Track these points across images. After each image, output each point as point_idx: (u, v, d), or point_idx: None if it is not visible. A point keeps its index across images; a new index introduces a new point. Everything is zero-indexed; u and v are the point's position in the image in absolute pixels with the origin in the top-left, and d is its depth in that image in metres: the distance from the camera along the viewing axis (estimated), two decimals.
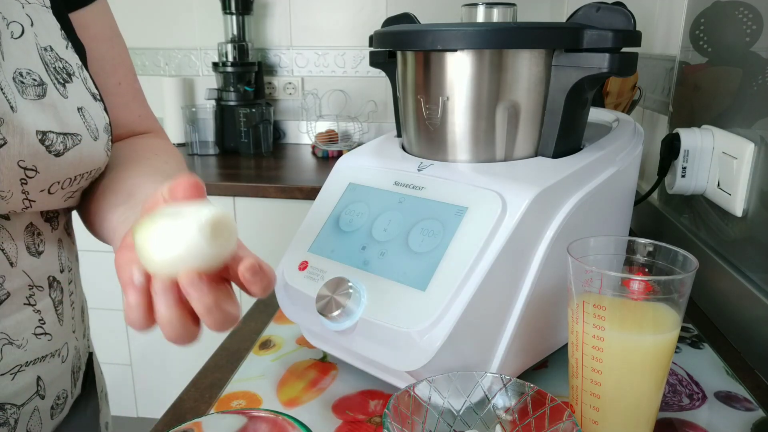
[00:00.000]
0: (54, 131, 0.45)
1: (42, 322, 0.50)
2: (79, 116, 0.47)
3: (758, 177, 0.65)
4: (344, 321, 0.50)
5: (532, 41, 0.51)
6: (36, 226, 0.50)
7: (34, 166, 0.44)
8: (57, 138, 0.45)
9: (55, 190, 0.47)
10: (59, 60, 0.47)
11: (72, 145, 0.46)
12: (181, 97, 2.05)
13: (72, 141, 0.46)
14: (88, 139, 0.48)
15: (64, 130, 0.46)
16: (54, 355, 0.52)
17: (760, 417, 0.51)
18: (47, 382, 0.52)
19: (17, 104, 0.42)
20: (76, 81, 0.48)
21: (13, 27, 0.44)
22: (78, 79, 0.49)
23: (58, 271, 0.53)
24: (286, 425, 0.36)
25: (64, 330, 0.53)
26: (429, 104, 0.56)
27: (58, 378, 0.53)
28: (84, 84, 0.50)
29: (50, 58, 0.47)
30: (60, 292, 0.53)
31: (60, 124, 0.45)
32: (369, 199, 0.56)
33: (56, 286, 0.52)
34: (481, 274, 0.46)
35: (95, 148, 0.49)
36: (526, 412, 0.41)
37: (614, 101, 1.00)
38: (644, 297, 0.42)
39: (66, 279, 0.54)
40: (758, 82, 0.66)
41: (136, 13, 2.11)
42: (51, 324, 0.51)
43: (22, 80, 0.43)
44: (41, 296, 0.50)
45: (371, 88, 2.09)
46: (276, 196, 1.59)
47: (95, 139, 0.49)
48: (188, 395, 0.55)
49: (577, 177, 0.53)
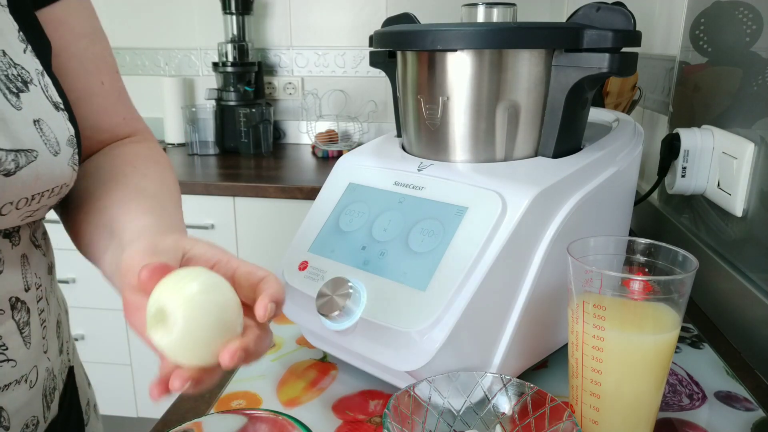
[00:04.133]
0: (3, 148, 0.40)
1: (4, 348, 0.46)
2: (35, 129, 0.42)
3: (758, 177, 0.65)
4: (344, 321, 0.50)
5: (532, 41, 0.51)
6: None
7: None
8: (7, 156, 0.40)
9: (7, 211, 0.42)
10: (13, 66, 0.42)
11: (26, 162, 0.41)
12: (181, 97, 2.05)
13: (26, 158, 0.41)
14: (47, 155, 0.43)
15: (16, 147, 0.41)
16: (19, 381, 0.47)
17: (760, 417, 0.51)
18: (11, 412, 0.47)
19: None
20: (33, 89, 0.43)
21: None
22: (36, 86, 0.44)
23: (23, 290, 0.48)
24: (286, 425, 0.36)
25: (31, 353, 0.48)
26: (429, 104, 0.56)
27: (25, 405, 0.48)
28: (44, 92, 0.45)
29: (2, 64, 0.42)
30: (26, 312, 0.48)
31: (10, 140, 0.40)
32: (369, 199, 0.56)
33: (20, 307, 0.47)
34: (481, 274, 0.46)
35: (56, 164, 0.44)
36: (526, 412, 0.41)
37: (614, 101, 1.00)
38: (644, 297, 0.42)
39: (33, 297, 0.49)
40: (758, 82, 0.66)
41: (137, 13, 2.11)
42: (15, 349, 0.47)
43: None
44: (2, 320, 0.46)
45: (371, 88, 2.09)
46: (276, 196, 1.59)
47: (55, 154, 0.44)
48: (188, 395, 0.55)
49: (577, 177, 0.53)
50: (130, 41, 2.13)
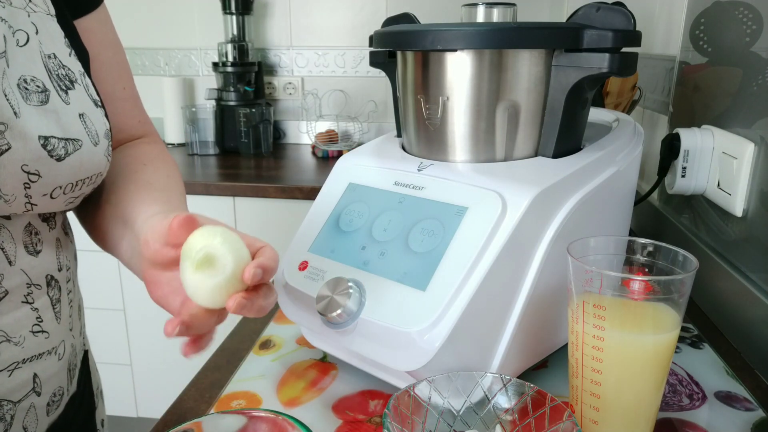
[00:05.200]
0: (56, 136, 0.46)
1: (39, 320, 0.51)
2: (80, 122, 0.48)
3: (758, 177, 0.65)
4: (344, 321, 0.50)
5: (532, 41, 0.51)
6: (34, 226, 0.51)
7: (37, 171, 0.45)
8: (59, 143, 0.46)
9: (57, 195, 0.48)
10: (62, 67, 0.49)
11: (73, 150, 0.47)
12: (181, 97, 2.05)
13: (73, 146, 0.47)
14: (89, 145, 0.49)
15: (66, 136, 0.47)
16: (51, 352, 0.53)
17: (760, 417, 0.51)
18: (43, 380, 0.52)
19: (21, 110, 0.44)
20: (78, 88, 0.50)
21: (18, 35, 0.45)
22: (80, 86, 0.50)
23: (56, 270, 0.53)
24: (286, 425, 0.36)
25: (61, 328, 0.54)
26: (429, 104, 0.56)
27: (55, 375, 0.54)
28: (86, 91, 0.51)
29: (54, 65, 0.48)
30: (58, 290, 0.54)
31: (62, 129, 0.46)
32: (369, 199, 0.56)
33: (54, 285, 0.53)
34: (481, 274, 0.46)
35: (95, 154, 0.50)
36: (526, 412, 0.41)
37: (614, 101, 1.00)
38: (644, 297, 0.42)
39: (64, 278, 0.55)
40: (758, 82, 0.66)
41: (136, 13, 2.11)
42: (48, 322, 0.52)
43: (26, 87, 0.45)
44: (39, 294, 0.51)
45: (371, 88, 2.09)
46: (276, 196, 1.59)
47: (95, 145, 0.50)
48: (188, 395, 0.55)
49: (577, 177, 0.53)
50: (130, 41, 2.13)
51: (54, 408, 0.54)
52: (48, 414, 0.54)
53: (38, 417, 0.52)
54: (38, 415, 0.52)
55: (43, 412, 0.53)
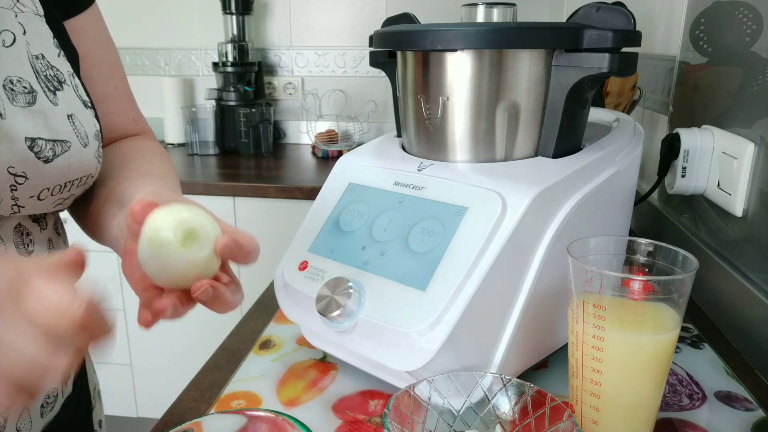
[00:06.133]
0: (43, 138, 0.45)
1: None
2: (69, 123, 0.48)
3: (758, 177, 0.65)
4: (344, 321, 0.50)
5: (532, 41, 0.51)
6: (25, 226, 0.51)
7: (24, 173, 0.45)
8: (46, 144, 0.46)
9: (44, 197, 0.48)
10: (51, 68, 0.48)
11: (61, 151, 0.47)
12: (181, 97, 2.05)
13: (61, 147, 0.47)
14: (78, 146, 0.48)
15: (54, 137, 0.46)
16: None
17: (760, 417, 0.51)
18: None
19: (6, 111, 0.43)
20: (67, 89, 0.49)
21: (4, 36, 0.45)
22: (69, 86, 0.50)
23: None
24: (286, 425, 0.36)
25: None
26: (429, 104, 0.56)
27: None
28: (75, 91, 0.50)
29: (41, 66, 0.47)
30: None
31: (49, 130, 0.46)
32: (369, 199, 0.56)
33: None
34: (481, 274, 0.46)
35: (85, 155, 0.49)
36: (526, 412, 0.41)
37: (614, 101, 1.00)
38: (644, 297, 0.42)
39: None
40: (758, 82, 0.66)
41: (136, 13, 2.11)
42: None
43: (12, 88, 0.44)
44: None
45: (371, 88, 2.09)
46: (276, 196, 1.59)
47: (85, 146, 0.49)
48: (188, 395, 0.55)
49: (577, 177, 0.53)
50: (130, 41, 2.13)
51: (48, 410, 0.54)
52: (42, 416, 0.53)
53: (32, 419, 0.52)
54: (32, 418, 0.52)
55: (36, 414, 0.52)
